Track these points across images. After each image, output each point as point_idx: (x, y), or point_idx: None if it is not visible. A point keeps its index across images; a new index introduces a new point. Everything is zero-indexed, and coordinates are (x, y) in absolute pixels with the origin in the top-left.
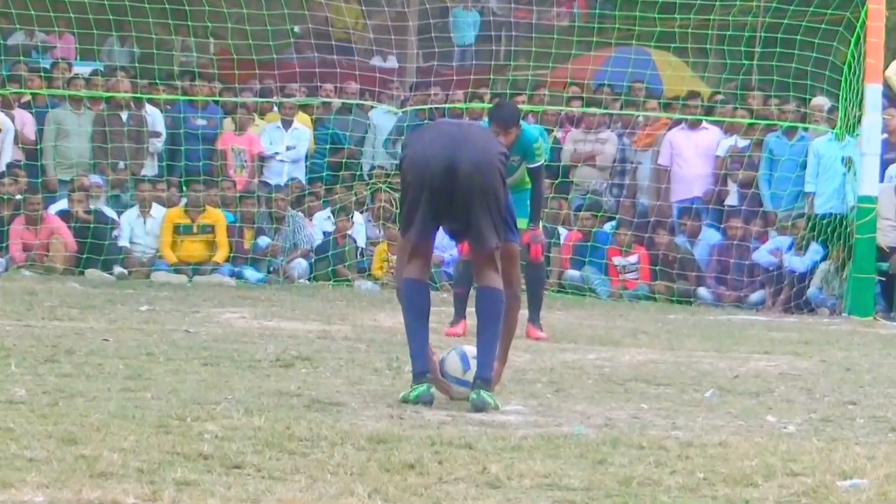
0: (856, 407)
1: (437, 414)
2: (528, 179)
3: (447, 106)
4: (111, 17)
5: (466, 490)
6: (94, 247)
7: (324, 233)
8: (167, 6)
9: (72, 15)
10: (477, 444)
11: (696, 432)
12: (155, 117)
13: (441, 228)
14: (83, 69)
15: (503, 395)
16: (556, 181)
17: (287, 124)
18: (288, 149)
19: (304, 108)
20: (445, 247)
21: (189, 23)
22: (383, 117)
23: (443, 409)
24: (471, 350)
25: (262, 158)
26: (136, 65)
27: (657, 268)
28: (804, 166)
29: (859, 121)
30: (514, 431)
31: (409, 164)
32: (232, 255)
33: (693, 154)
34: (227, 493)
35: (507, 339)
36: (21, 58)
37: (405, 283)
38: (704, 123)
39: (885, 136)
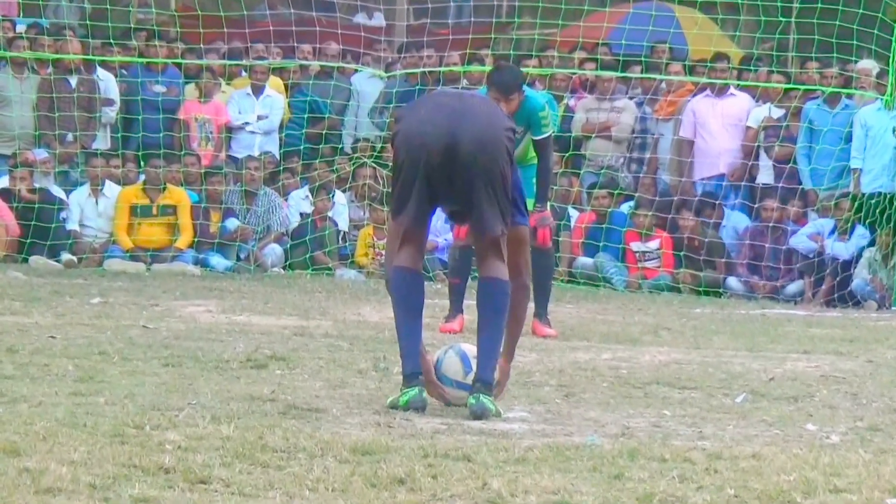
0: None
1: (431, 422)
2: (533, 154)
3: (442, 69)
4: None
5: None
6: (40, 230)
7: (301, 214)
8: None
9: None
10: (476, 455)
11: (725, 443)
12: (108, 83)
13: (440, 209)
14: (24, 27)
15: (506, 401)
16: (567, 155)
17: (258, 90)
18: (259, 118)
19: (278, 71)
20: (440, 230)
21: None
22: (368, 83)
23: (437, 416)
24: (471, 349)
25: (230, 129)
26: (87, 22)
27: (681, 254)
28: (849, 138)
29: None
30: (519, 442)
31: (403, 141)
32: (196, 239)
33: (721, 124)
34: None
35: (514, 335)
36: None
37: (395, 273)
38: (732, 89)
39: None
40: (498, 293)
